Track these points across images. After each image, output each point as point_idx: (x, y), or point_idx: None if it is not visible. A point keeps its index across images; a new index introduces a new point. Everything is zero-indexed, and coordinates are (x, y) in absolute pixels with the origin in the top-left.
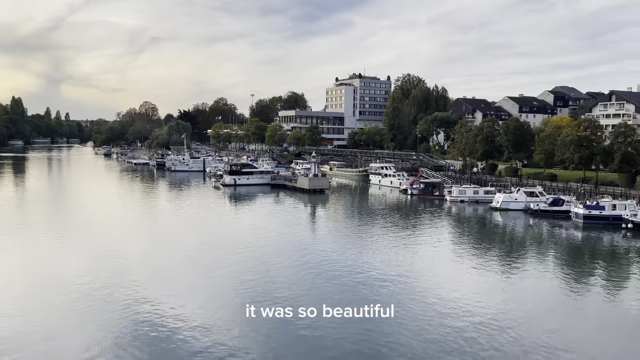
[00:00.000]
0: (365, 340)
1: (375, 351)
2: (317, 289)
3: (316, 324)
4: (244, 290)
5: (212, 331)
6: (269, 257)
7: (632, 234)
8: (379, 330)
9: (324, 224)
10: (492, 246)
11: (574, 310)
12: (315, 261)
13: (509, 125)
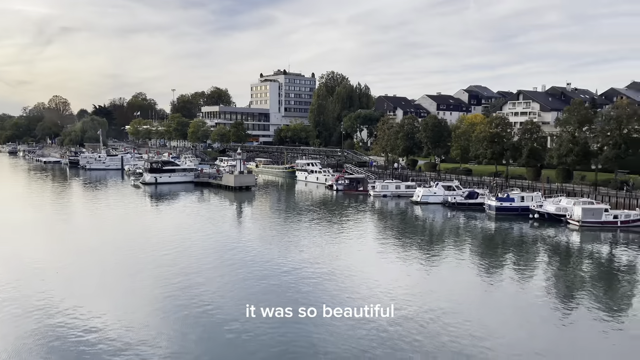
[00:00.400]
0: (296, 340)
1: (305, 349)
2: (245, 289)
3: (245, 326)
4: (168, 293)
5: (126, 337)
6: (194, 258)
7: (538, 223)
8: (307, 330)
9: (251, 221)
10: (413, 238)
11: (488, 296)
12: (242, 260)
13: (427, 122)
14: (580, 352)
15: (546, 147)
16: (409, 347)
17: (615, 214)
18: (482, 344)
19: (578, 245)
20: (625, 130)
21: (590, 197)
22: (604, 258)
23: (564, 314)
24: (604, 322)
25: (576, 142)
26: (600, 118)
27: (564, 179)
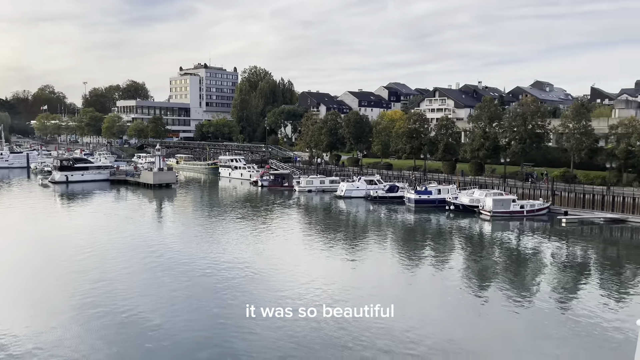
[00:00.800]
0: (222, 343)
1: (233, 351)
2: (168, 291)
3: (162, 327)
4: (83, 301)
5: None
6: (111, 262)
7: (454, 214)
8: (236, 327)
9: (172, 220)
10: (338, 232)
11: (411, 285)
12: (164, 261)
13: (350, 118)
14: (495, 332)
15: (460, 142)
16: (336, 343)
17: (522, 204)
18: (407, 332)
19: (490, 233)
20: (529, 126)
21: (500, 188)
22: (513, 245)
23: (479, 297)
24: (515, 303)
25: (487, 137)
26: (508, 115)
27: (477, 172)
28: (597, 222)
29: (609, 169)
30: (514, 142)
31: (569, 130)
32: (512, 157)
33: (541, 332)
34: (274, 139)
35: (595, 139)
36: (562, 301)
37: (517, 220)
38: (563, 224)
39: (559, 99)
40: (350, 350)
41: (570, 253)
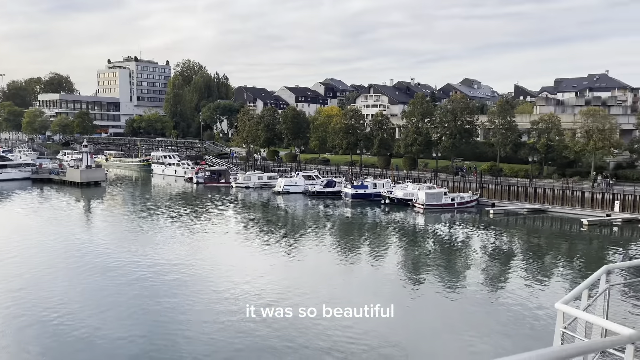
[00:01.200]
0: (159, 345)
1: (162, 347)
2: (102, 296)
3: (98, 332)
4: (6, 310)
5: None
6: (36, 266)
7: (389, 207)
8: (175, 326)
9: (102, 220)
10: (277, 228)
11: (349, 278)
12: (91, 262)
13: (287, 114)
14: (428, 319)
15: (395, 138)
16: (273, 338)
17: (452, 197)
18: (344, 323)
19: (423, 225)
20: (459, 122)
21: (432, 182)
22: (445, 236)
23: (413, 287)
24: (447, 291)
25: (420, 133)
26: (439, 111)
27: (410, 167)
28: (521, 212)
29: (531, 162)
30: (445, 137)
31: (495, 125)
32: (443, 152)
33: (471, 318)
34: (210, 134)
35: (519, 134)
36: (490, 288)
37: (449, 212)
38: (490, 215)
39: (486, 95)
40: (287, 351)
41: (497, 242)
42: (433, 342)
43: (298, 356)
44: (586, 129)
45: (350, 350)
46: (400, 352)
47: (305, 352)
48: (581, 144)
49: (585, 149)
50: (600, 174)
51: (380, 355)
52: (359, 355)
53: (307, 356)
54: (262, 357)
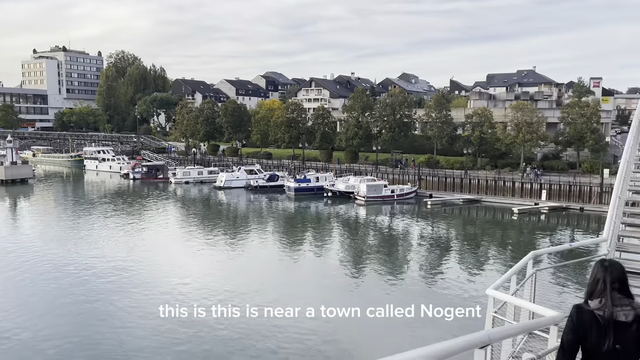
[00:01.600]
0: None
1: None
2: (28, 299)
3: (28, 339)
4: None
5: None
6: None
7: (332, 200)
8: (112, 330)
9: (29, 219)
10: (219, 223)
11: (293, 271)
12: (18, 265)
13: (227, 107)
14: (370, 308)
15: (336, 131)
16: (221, 335)
17: (392, 189)
18: (286, 318)
19: (365, 217)
20: (398, 116)
21: (373, 175)
22: (386, 227)
23: (356, 277)
24: (389, 280)
25: (360, 127)
26: (378, 105)
27: (352, 160)
28: (456, 202)
29: (466, 154)
30: (385, 130)
31: (432, 119)
32: (383, 145)
33: (411, 305)
34: (146, 128)
35: (454, 128)
36: (429, 276)
37: (389, 204)
38: (428, 205)
39: (423, 90)
40: (236, 348)
41: (435, 232)
42: (373, 332)
43: (248, 356)
44: (516, 122)
45: (294, 347)
46: (341, 344)
47: (254, 351)
48: (511, 137)
49: (515, 141)
50: (529, 165)
51: (322, 350)
52: (303, 352)
53: (257, 356)
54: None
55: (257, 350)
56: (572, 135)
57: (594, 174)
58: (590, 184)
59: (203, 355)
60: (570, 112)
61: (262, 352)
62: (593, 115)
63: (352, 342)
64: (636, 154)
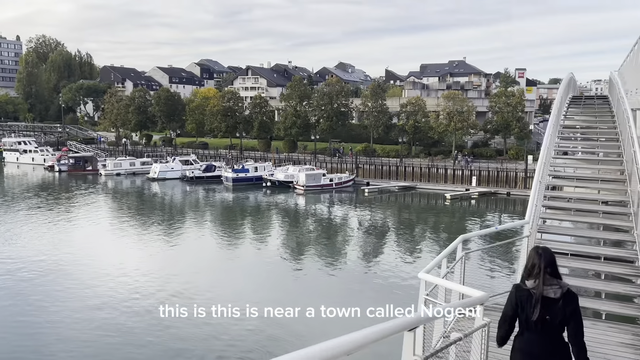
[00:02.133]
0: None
1: None
2: None
3: None
4: None
5: None
6: None
7: (271, 190)
8: (41, 330)
9: None
10: (154, 216)
11: (233, 262)
12: None
13: (160, 95)
14: (310, 295)
15: (274, 120)
16: (144, 330)
17: (331, 177)
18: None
19: (304, 206)
20: (335, 105)
21: (312, 164)
22: (325, 215)
23: (297, 266)
24: (328, 267)
25: (298, 116)
26: (316, 94)
27: (290, 149)
28: (393, 190)
29: (401, 143)
30: (323, 120)
31: (368, 108)
32: (322, 134)
33: (348, 290)
34: (73, 118)
35: (390, 117)
36: (366, 262)
37: (328, 193)
38: (366, 193)
39: (360, 79)
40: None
41: (372, 219)
42: (311, 318)
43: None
44: (448, 111)
45: (233, 339)
46: (279, 333)
47: (194, 350)
48: (444, 126)
49: (447, 129)
50: (460, 153)
51: (259, 341)
52: (241, 342)
53: (197, 355)
54: None
55: (193, 351)
56: (500, 124)
57: (519, 160)
58: (516, 169)
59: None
60: (497, 102)
61: (200, 352)
62: (518, 104)
63: (291, 333)
64: (555, 141)
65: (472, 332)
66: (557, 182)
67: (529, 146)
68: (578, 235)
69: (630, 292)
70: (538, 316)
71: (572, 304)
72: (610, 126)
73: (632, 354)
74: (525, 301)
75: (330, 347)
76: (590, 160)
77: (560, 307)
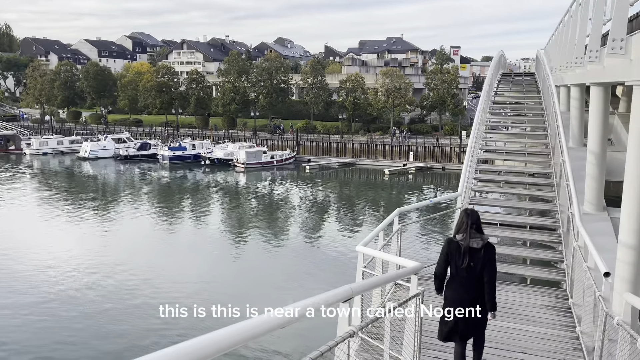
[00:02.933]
0: None
1: None
2: None
3: None
4: None
5: None
6: None
7: (210, 168)
8: None
9: None
10: (86, 198)
11: (170, 242)
12: None
13: (89, 70)
14: (254, 273)
15: (212, 97)
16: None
17: (272, 155)
18: (176, 287)
19: (245, 184)
20: (274, 81)
21: (252, 141)
22: (266, 193)
23: (239, 244)
24: (271, 244)
25: (237, 92)
26: (254, 69)
27: (229, 126)
28: (333, 166)
29: (341, 119)
30: (262, 96)
31: (308, 85)
32: (261, 111)
33: (290, 267)
34: None
35: (330, 93)
36: (308, 238)
37: (269, 170)
38: (307, 170)
39: (299, 55)
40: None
41: (314, 195)
42: (253, 293)
43: (126, 341)
44: (386, 87)
45: (174, 322)
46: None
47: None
48: (382, 102)
49: (386, 106)
50: (398, 129)
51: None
52: (183, 325)
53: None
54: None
55: (134, 335)
56: (435, 100)
57: (454, 135)
58: (451, 145)
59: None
60: (433, 79)
61: (138, 334)
62: (453, 81)
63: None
64: (487, 116)
65: (407, 301)
66: (488, 156)
67: (463, 122)
68: (506, 205)
69: (553, 258)
70: (466, 263)
71: (490, 253)
72: (536, 102)
73: (554, 315)
74: (454, 251)
75: (265, 320)
76: (518, 134)
77: (481, 255)
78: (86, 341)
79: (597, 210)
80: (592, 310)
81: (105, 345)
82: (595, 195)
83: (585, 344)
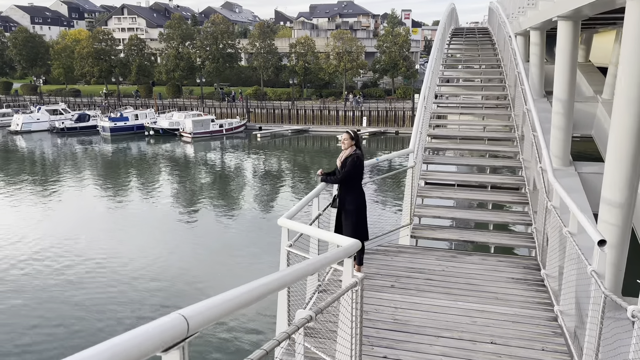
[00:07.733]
0: None
1: None
2: None
3: None
4: None
5: None
6: None
7: (154, 139)
8: None
9: None
10: (21, 175)
11: (120, 219)
12: None
13: (17, 37)
14: (208, 247)
15: (155, 64)
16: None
17: (221, 123)
18: (126, 268)
19: (193, 155)
20: (221, 46)
21: (199, 109)
22: (216, 163)
23: (191, 218)
24: (224, 216)
25: (181, 58)
26: (200, 34)
27: (174, 94)
28: (285, 134)
29: (292, 85)
30: (208, 62)
31: (257, 49)
32: (208, 78)
33: (243, 240)
34: None
35: (279, 58)
36: (260, 210)
37: (218, 140)
38: (258, 138)
39: (248, 20)
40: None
41: (266, 164)
42: (205, 270)
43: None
44: (337, 51)
45: (129, 293)
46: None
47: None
48: (334, 66)
49: (337, 70)
50: (351, 93)
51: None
52: (131, 295)
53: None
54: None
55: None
56: (387, 64)
57: (406, 99)
58: (404, 108)
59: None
60: (385, 41)
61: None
62: (404, 43)
63: (189, 287)
64: (440, 69)
65: (344, 293)
66: (442, 111)
67: (416, 85)
68: (464, 163)
69: (518, 221)
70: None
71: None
72: (491, 54)
73: (525, 290)
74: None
75: (215, 304)
76: (473, 86)
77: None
78: (29, 329)
79: (564, 164)
80: (574, 286)
81: (49, 332)
82: (562, 148)
83: (567, 327)
